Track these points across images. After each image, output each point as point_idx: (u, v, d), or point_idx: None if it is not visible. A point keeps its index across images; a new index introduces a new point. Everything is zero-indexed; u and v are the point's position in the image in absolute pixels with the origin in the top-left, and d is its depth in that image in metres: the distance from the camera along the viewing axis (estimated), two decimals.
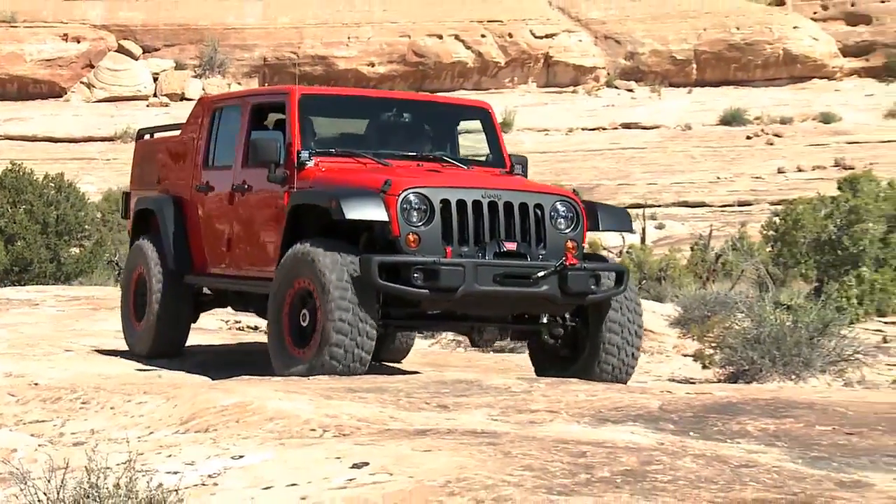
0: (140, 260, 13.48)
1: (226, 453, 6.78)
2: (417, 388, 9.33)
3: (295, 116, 11.66)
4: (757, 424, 7.60)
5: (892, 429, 7.48)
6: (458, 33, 77.31)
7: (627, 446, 6.93)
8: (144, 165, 14.78)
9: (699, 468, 6.37)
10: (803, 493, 5.84)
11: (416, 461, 6.39)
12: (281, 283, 11.13)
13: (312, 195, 11.65)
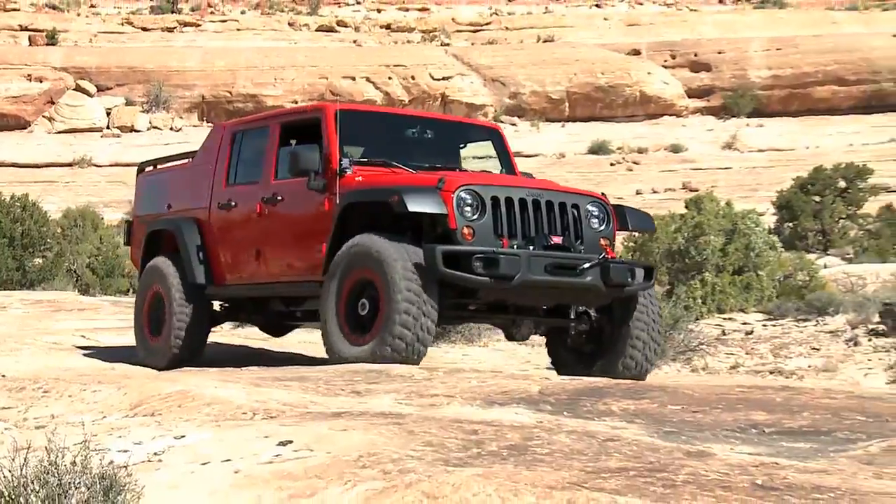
0: (156, 278, 12.68)
1: (169, 434, 6.73)
2: (334, 377, 9.28)
3: (333, 129, 11.16)
4: (620, 405, 7.62)
5: (730, 408, 7.52)
6: (368, 76, 77.31)
7: (512, 424, 6.91)
8: (151, 194, 13.90)
9: (572, 442, 6.35)
10: (658, 461, 5.83)
11: (333, 439, 6.35)
12: (338, 275, 10.53)
13: (368, 193, 11.06)
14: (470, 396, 8.04)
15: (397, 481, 5.47)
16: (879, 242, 42.92)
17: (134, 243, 13.93)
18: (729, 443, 6.52)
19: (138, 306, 13.14)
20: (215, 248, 12.38)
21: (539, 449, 6.17)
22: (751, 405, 7.61)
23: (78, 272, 30.50)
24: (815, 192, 46.83)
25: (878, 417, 7.15)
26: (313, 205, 11.36)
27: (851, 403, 7.72)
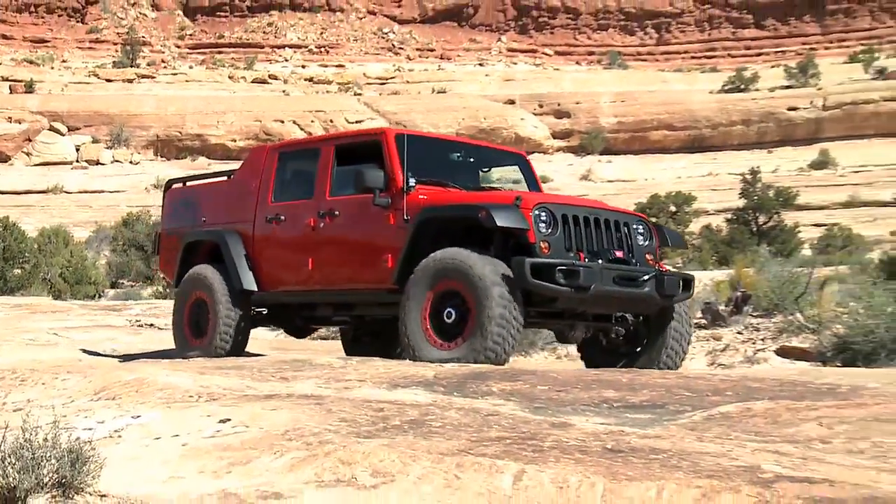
0: (200, 285, 11.76)
1: (127, 414, 6.70)
2: (266, 366, 9.25)
3: (394, 151, 10.47)
4: (499, 386, 7.63)
5: (586, 387, 7.56)
6: (294, 119, 77.12)
7: (412, 403, 6.93)
8: (182, 209, 12.86)
9: (460, 417, 6.37)
10: (529, 431, 5.87)
11: (264, 417, 6.35)
12: (423, 284, 9.71)
13: (446, 209, 10.32)
14: (378, 381, 8.04)
15: (317, 451, 5.48)
16: (701, 254, 44.23)
17: (164, 253, 13.06)
18: (585, 415, 6.56)
19: (178, 310, 12.15)
20: (260, 257, 11.60)
21: (434, 423, 6.19)
22: (602, 385, 7.67)
23: (51, 281, 30.34)
24: (652, 215, 47.35)
25: (699, 393, 7.25)
26: (377, 219, 10.58)
27: (680, 382, 7.81)
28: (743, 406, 6.74)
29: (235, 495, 5.03)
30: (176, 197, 13.08)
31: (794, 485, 4.88)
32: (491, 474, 5.03)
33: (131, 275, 37.38)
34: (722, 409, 6.69)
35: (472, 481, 4.98)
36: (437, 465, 5.16)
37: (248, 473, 5.32)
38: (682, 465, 5.13)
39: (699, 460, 5.24)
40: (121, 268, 37.70)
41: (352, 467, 5.23)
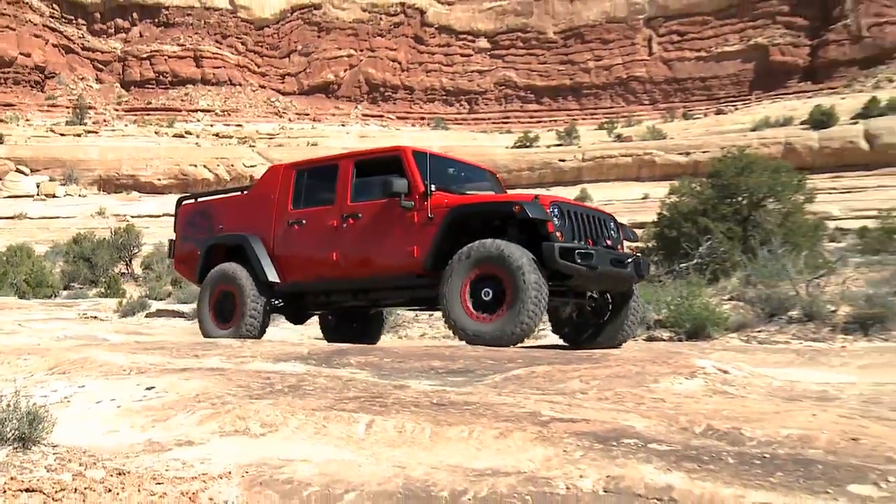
0: (226, 279, 10.85)
1: (74, 384, 6.55)
2: (183, 346, 9.09)
3: (413, 164, 9.80)
4: (356, 359, 7.63)
5: (419, 359, 7.57)
6: (205, 164, 76.27)
7: (291, 373, 6.89)
8: (197, 220, 11.84)
9: (327, 382, 6.36)
10: (377, 392, 5.88)
11: (181, 385, 6.27)
12: (462, 269, 8.93)
13: (476, 206, 9.59)
14: (266, 357, 7.98)
15: (220, 409, 5.44)
16: None
17: (180, 256, 12.01)
18: (418, 379, 6.60)
19: (204, 301, 11.08)
20: (282, 255, 10.73)
21: (307, 387, 6.18)
22: (431, 357, 7.70)
23: (17, 284, 29.60)
24: None
25: (499, 361, 7.31)
26: (401, 219, 9.77)
27: (485, 354, 7.88)
28: (529, 370, 6.84)
29: (158, 443, 4.97)
30: (190, 210, 12.12)
31: (562, 423, 4.99)
32: (349, 423, 5.05)
33: (80, 279, 36.54)
34: (514, 372, 6.78)
35: (335, 429, 4.99)
36: (310, 418, 5.16)
37: (168, 427, 5.27)
38: (487, 413, 5.21)
39: (498, 409, 5.32)
40: (71, 274, 36.83)
41: (246, 421, 5.20)
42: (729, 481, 4.10)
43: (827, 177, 67.73)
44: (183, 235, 12.01)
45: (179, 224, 12.14)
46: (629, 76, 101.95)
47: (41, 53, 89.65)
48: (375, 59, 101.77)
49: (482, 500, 3.95)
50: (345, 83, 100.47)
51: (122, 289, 28.16)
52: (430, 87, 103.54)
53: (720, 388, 6.49)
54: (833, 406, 5.82)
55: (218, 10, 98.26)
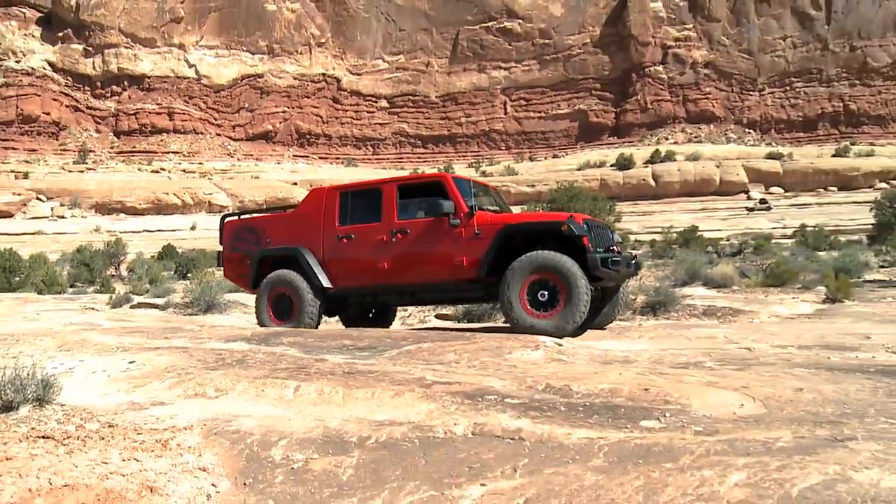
0: (283, 283, 9.86)
1: (76, 359, 6.33)
2: (156, 331, 8.84)
3: (454, 188, 8.96)
4: (287, 339, 7.51)
5: (334, 338, 7.51)
6: (175, 192, 74.26)
7: (238, 350, 6.75)
8: (245, 234, 10.73)
9: (265, 357, 6.25)
10: (303, 364, 5.80)
11: (155, 360, 6.09)
12: (521, 275, 8.16)
13: (525, 225, 8.73)
14: (219, 338, 7.80)
15: (184, 378, 5.31)
16: None
17: (230, 265, 10.85)
18: (333, 354, 6.53)
19: (262, 300, 10.05)
20: (331, 265, 9.75)
21: (250, 360, 6.06)
22: (344, 337, 7.63)
23: (36, 284, 28.38)
24: None
25: (395, 339, 7.28)
26: (448, 234, 8.88)
27: (385, 334, 7.84)
28: (417, 346, 6.83)
29: (138, 403, 4.83)
30: (237, 226, 10.95)
31: (441, 385, 4.99)
32: (281, 388, 4.97)
33: (81, 280, 35.24)
34: (406, 347, 6.76)
35: (271, 392, 4.91)
36: (251, 384, 5.07)
37: (145, 391, 5.11)
38: (385, 379, 5.18)
39: (394, 376, 5.30)
40: (75, 276, 35.46)
41: (204, 387, 5.08)
42: (561, 423, 4.16)
43: (628, 204, 69.65)
44: (232, 247, 10.91)
45: (227, 238, 11.03)
46: (490, 129, 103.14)
47: (57, 112, 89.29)
48: (303, 114, 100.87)
49: (382, 443, 3.93)
50: (280, 132, 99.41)
51: (112, 287, 27.20)
52: (344, 135, 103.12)
53: (556, 357, 6.58)
54: (633, 367, 5.95)
55: (186, 78, 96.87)
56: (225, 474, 3.64)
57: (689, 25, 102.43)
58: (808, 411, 4.35)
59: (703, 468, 3.38)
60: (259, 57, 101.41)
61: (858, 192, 73.25)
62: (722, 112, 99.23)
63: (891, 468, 3.29)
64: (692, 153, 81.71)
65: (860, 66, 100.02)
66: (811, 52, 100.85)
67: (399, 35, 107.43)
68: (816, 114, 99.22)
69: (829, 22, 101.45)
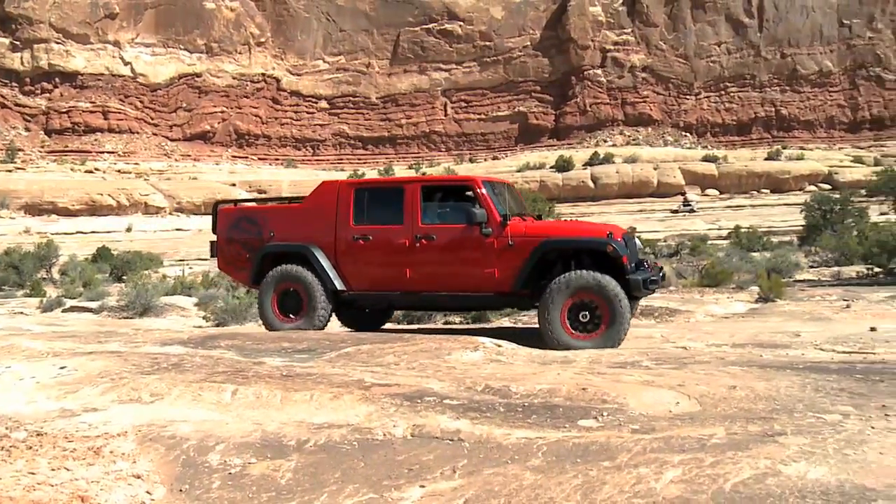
0: (292, 279, 9.10)
1: (2, 365, 6.10)
2: (89, 335, 8.61)
3: (485, 194, 8.44)
4: (225, 342, 7.40)
5: (272, 341, 7.41)
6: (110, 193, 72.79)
7: (174, 354, 6.62)
8: (244, 224, 9.81)
9: (203, 360, 6.15)
10: (241, 367, 5.72)
11: (87, 365, 5.93)
12: (562, 294, 7.79)
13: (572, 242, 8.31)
14: (155, 342, 7.64)
15: (119, 383, 5.19)
16: None
17: (226, 258, 9.95)
18: (272, 357, 6.45)
19: (267, 297, 9.27)
20: (346, 266, 9.05)
21: (186, 364, 5.95)
22: (282, 340, 7.54)
23: None
24: None
25: (334, 342, 7.24)
26: (480, 243, 8.35)
27: (323, 336, 7.78)
28: (356, 348, 6.79)
29: (69, 410, 4.70)
30: (234, 215, 10.05)
31: (381, 387, 4.98)
32: (219, 392, 4.90)
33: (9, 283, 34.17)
34: (345, 350, 6.72)
35: (208, 396, 4.83)
36: (188, 388, 4.98)
37: (77, 398, 4.98)
38: (324, 381, 5.15)
39: (333, 378, 5.27)
40: (3, 279, 34.41)
41: (139, 391, 4.98)
42: (500, 424, 4.18)
43: (568, 205, 70.30)
44: (228, 238, 9.97)
45: (222, 226, 10.10)
46: (431, 131, 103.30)
47: None
48: (242, 115, 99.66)
49: (321, 446, 3.91)
50: (218, 132, 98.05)
51: (43, 290, 26.40)
52: (284, 136, 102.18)
53: (495, 357, 6.62)
54: (571, 367, 6.02)
55: (122, 76, 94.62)
56: (160, 481, 3.57)
57: (627, 30, 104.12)
58: (741, 408, 4.45)
59: (640, 466, 3.43)
60: (197, 56, 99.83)
61: (789, 194, 75.35)
62: (659, 115, 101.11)
63: (816, 461, 3.39)
64: (630, 155, 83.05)
65: (790, 72, 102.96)
66: (745, 58, 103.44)
67: (339, 36, 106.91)
68: (750, 118, 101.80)
69: (762, 30, 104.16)
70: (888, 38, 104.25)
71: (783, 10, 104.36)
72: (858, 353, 6.81)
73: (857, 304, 11.91)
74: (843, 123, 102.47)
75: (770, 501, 3.00)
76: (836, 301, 12.54)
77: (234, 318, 13.71)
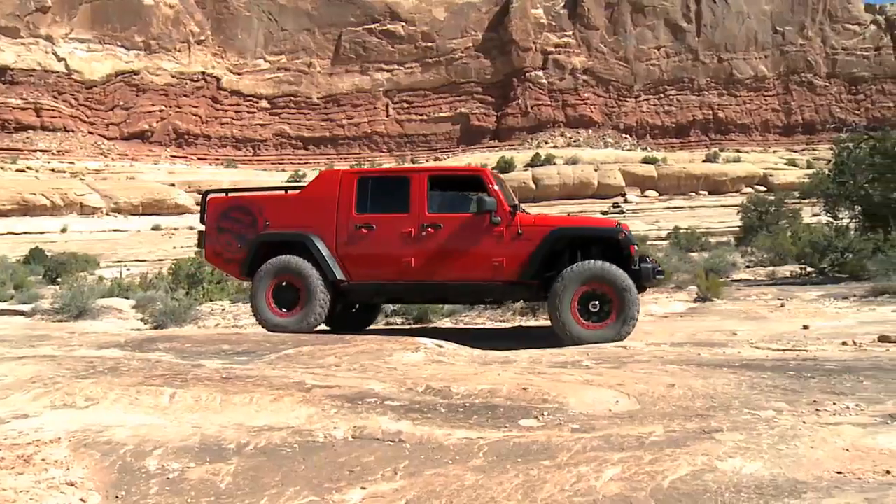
0: (288, 271, 8.71)
1: None
2: (20, 339, 8.38)
3: (494, 184, 8.45)
4: (163, 345, 7.26)
5: (212, 343, 7.32)
6: (43, 192, 70.80)
7: (111, 357, 6.47)
8: (235, 214, 9.27)
9: (140, 364, 6.03)
10: (180, 370, 5.63)
11: (18, 370, 5.73)
12: (573, 284, 7.80)
13: (585, 230, 8.46)
14: (90, 345, 7.46)
15: (51, 388, 5.04)
16: None
17: (215, 249, 9.35)
18: (211, 359, 6.36)
19: (261, 290, 8.85)
20: (347, 255, 8.72)
21: (123, 368, 5.82)
22: (222, 342, 7.44)
23: None
24: None
25: (275, 344, 7.16)
26: (488, 232, 8.29)
27: (265, 338, 7.70)
28: (297, 349, 6.73)
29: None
30: (224, 204, 9.53)
31: (321, 389, 4.95)
32: (156, 396, 4.81)
33: None
34: (286, 351, 6.66)
35: (146, 400, 4.74)
36: (125, 392, 4.88)
37: (7, 404, 4.83)
38: (264, 384, 5.09)
39: (273, 380, 5.22)
40: None
41: (73, 396, 4.85)
42: (441, 424, 4.19)
43: None
44: (218, 228, 9.42)
45: (212, 216, 9.53)
46: (372, 131, 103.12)
47: None
48: (182, 114, 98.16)
49: (261, 449, 3.87)
50: (157, 131, 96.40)
51: None
52: (224, 136, 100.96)
53: (436, 358, 6.63)
54: (512, 367, 6.06)
55: (55, 72, 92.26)
56: (95, 488, 3.49)
57: (568, 32, 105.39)
58: (679, 406, 4.54)
59: (580, 464, 3.47)
60: (135, 53, 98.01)
61: (727, 195, 77.08)
62: (600, 117, 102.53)
63: (751, 456, 3.48)
64: (571, 157, 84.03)
65: (727, 77, 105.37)
66: (683, 62, 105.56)
67: (281, 35, 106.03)
68: (688, 121, 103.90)
69: (700, 34, 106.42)
70: (818, 46, 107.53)
71: (720, 15, 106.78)
72: (792, 350, 6.99)
73: (791, 302, 12.22)
74: (778, 127, 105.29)
75: (707, 497, 3.06)
76: (771, 300, 12.85)
77: (173, 320, 13.46)
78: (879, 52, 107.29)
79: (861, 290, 13.07)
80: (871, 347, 7.12)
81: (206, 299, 17.21)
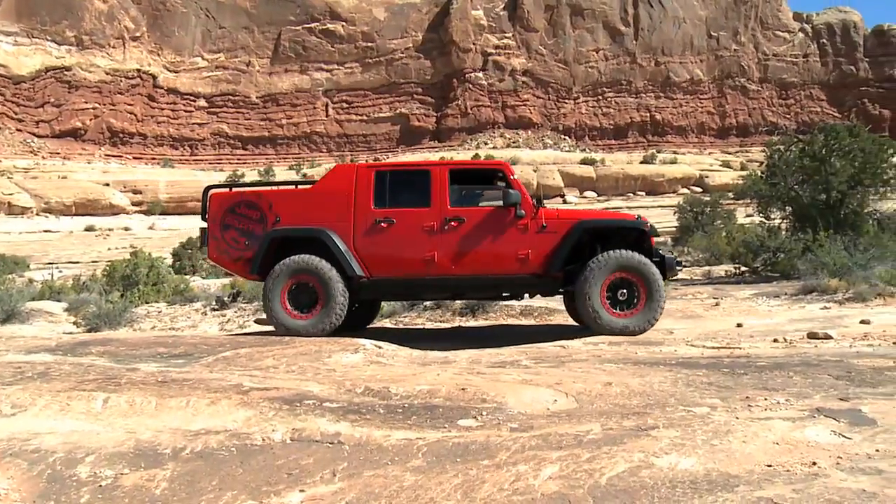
0: (305, 270, 8.37)
1: None
2: None
3: (515, 178, 8.42)
4: (96, 349, 7.09)
5: (147, 347, 7.16)
6: None
7: (40, 362, 6.28)
8: (242, 210, 8.82)
9: (72, 368, 5.87)
10: (112, 374, 5.50)
11: None
12: (602, 273, 7.90)
13: (611, 222, 8.52)
14: (18, 349, 7.24)
15: None
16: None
17: (220, 247, 8.91)
18: (147, 363, 6.24)
19: (276, 291, 8.45)
20: (366, 250, 8.45)
21: (54, 373, 5.66)
22: (158, 344, 7.28)
23: None
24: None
25: (212, 346, 7.05)
26: (513, 225, 8.25)
27: (202, 341, 7.58)
28: (235, 352, 6.65)
29: None
30: (230, 199, 9.07)
31: (259, 391, 4.90)
32: (89, 401, 4.69)
33: None
34: (224, 354, 6.57)
35: (77, 405, 4.63)
36: (55, 398, 4.75)
37: None
38: (201, 387, 5.02)
39: (210, 383, 5.14)
40: None
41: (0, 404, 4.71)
42: (380, 425, 4.18)
43: None
44: (223, 224, 8.98)
45: (216, 213, 9.06)
46: (312, 131, 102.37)
47: None
48: (116, 112, 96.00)
49: (198, 453, 3.81)
50: (90, 130, 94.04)
51: None
52: (161, 135, 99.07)
53: (376, 359, 6.61)
54: (451, 367, 6.08)
55: None
56: (21, 499, 3.38)
57: (508, 34, 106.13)
58: (616, 404, 4.60)
59: (519, 463, 3.50)
60: (66, 48, 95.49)
61: (664, 196, 78.54)
62: (539, 118, 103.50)
63: (686, 452, 3.55)
64: (510, 158, 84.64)
65: (664, 80, 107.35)
66: (621, 64, 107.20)
67: (219, 33, 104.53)
68: (626, 122, 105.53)
69: (637, 38, 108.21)
70: (750, 52, 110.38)
71: (657, 20, 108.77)
72: (726, 348, 7.16)
73: (726, 301, 12.51)
74: (713, 129, 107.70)
75: (643, 493, 3.11)
76: (706, 299, 13.13)
77: (107, 323, 13.17)
78: (807, 59, 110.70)
79: (791, 289, 13.43)
80: (801, 344, 7.34)
81: (142, 301, 16.84)
